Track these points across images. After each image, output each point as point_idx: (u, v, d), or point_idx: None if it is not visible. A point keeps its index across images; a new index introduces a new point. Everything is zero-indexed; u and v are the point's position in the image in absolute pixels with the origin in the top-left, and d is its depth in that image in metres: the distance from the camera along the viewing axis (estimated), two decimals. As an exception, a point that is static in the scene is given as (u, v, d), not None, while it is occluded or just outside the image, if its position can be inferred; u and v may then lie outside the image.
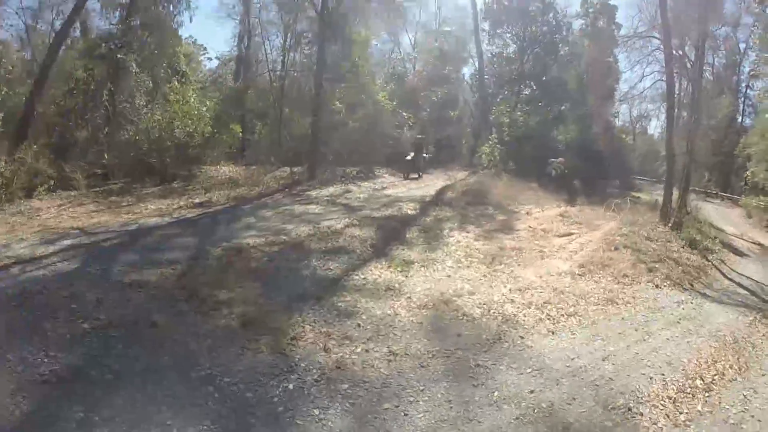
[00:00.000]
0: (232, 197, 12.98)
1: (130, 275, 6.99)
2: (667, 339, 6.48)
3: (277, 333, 5.63)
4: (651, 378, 5.41)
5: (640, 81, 23.58)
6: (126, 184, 14.32)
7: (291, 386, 4.74)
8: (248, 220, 10.46)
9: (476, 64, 24.23)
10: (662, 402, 5.03)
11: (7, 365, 4.73)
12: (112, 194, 13.33)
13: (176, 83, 16.05)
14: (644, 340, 6.37)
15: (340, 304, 6.60)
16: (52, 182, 12.94)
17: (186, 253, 8.05)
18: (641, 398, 5.03)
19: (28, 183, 12.55)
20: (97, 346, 5.15)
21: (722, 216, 17.30)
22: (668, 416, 4.83)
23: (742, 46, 22.68)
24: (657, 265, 9.30)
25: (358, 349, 5.51)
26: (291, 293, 6.81)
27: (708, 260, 10.86)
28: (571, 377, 5.26)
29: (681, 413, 4.92)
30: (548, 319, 6.72)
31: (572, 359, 5.65)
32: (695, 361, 5.93)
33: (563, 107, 22.11)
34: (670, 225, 12.47)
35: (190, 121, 15.13)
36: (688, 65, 17.36)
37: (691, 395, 5.22)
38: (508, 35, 23.27)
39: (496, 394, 4.87)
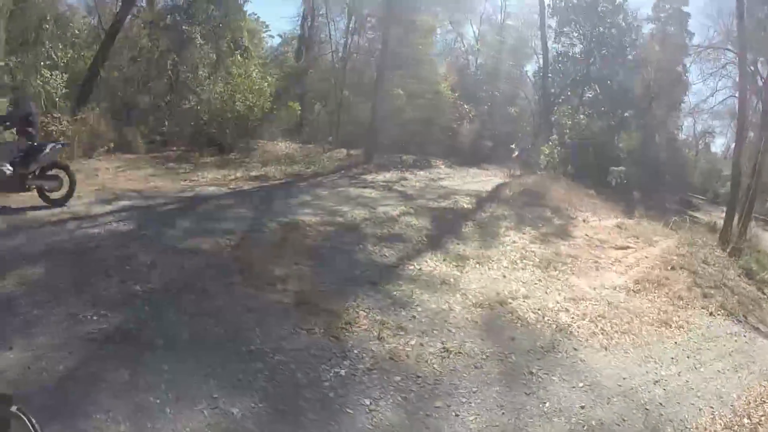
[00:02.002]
0: (288, 173, 12.99)
1: (184, 242, 7.00)
2: (718, 371, 6.13)
3: (331, 315, 5.47)
4: (700, 410, 5.13)
5: (712, 95, 22.46)
6: (184, 152, 14.49)
7: (343, 372, 4.56)
8: (304, 198, 10.40)
9: (540, 61, 23.75)
10: None
11: (54, 319, 4.70)
12: (170, 161, 13.49)
13: (239, 57, 16.13)
14: (696, 368, 6.04)
15: (395, 292, 6.39)
16: (111, 144, 13.18)
17: (241, 225, 8.02)
18: (690, 428, 4.78)
19: (88, 143, 12.82)
20: (148, 310, 5.09)
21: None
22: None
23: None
24: (713, 292, 8.79)
25: (413, 342, 5.28)
26: (346, 276, 6.66)
27: (764, 293, 10.23)
28: (623, 397, 4.99)
29: (726, 451, 4.66)
30: (602, 333, 6.40)
31: (624, 379, 5.37)
32: (744, 398, 5.58)
33: (626, 114, 21.43)
34: (728, 251, 11.89)
35: (251, 95, 15.18)
36: (760, 82, 16.54)
37: (735, 432, 4.95)
38: (575, 34, 22.70)
39: (547, 405, 4.61)
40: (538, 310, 6.73)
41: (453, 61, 22.84)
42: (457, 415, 4.30)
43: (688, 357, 6.29)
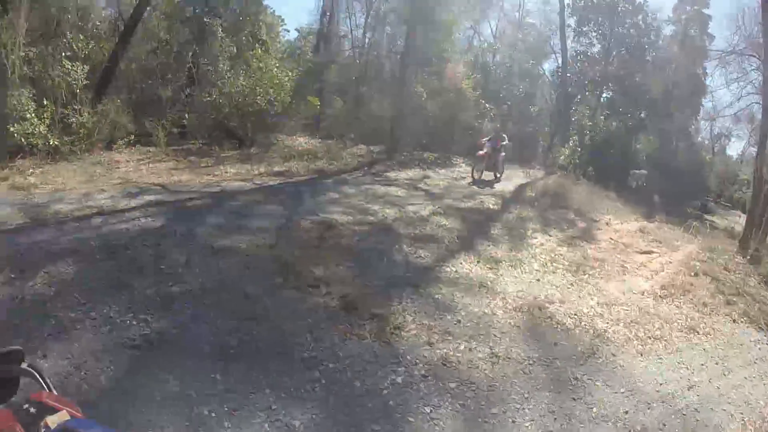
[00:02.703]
0: (312, 170, 12.88)
1: (218, 240, 6.85)
2: (745, 378, 6.08)
3: (380, 320, 5.36)
4: (731, 415, 5.12)
5: (738, 100, 22.19)
6: (204, 146, 14.41)
7: (399, 379, 4.47)
8: (331, 195, 10.31)
9: (558, 60, 23.56)
10: None
11: (91, 324, 4.54)
12: (191, 154, 13.42)
13: (259, 50, 16.03)
14: (724, 375, 6.01)
15: (437, 296, 6.30)
16: (132, 137, 13.12)
17: (274, 222, 7.91)
18: None
19: (108, 135, 12.78)
20: (189, 314, 4.95)
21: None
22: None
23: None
24: (735, 299, 8.68)
25: (461, 347, 5.21)
26: (387, 278, 6.55)
27: None
28: (661, 403, 4.97)
29: (758, 455, 4.70)
30: (636, 339, 6.36)
31: (661, 384, 5.35)
32: None
33: (644, 115, 21.28)
34: (748, 258, 11.79)
35: (272, 90, 15.05)
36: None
37: (765, 439, 5.00)
38: (594, 34, 22.51)
39: (594, 410, 4.61)
40: (575, 315, 6.67)
41: (473, 59, 22.58)
42: (513, 422, 4.27)
43: (716, 364, 6.27)
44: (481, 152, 14.72)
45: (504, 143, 15.33)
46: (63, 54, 12.30)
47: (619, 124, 20.20)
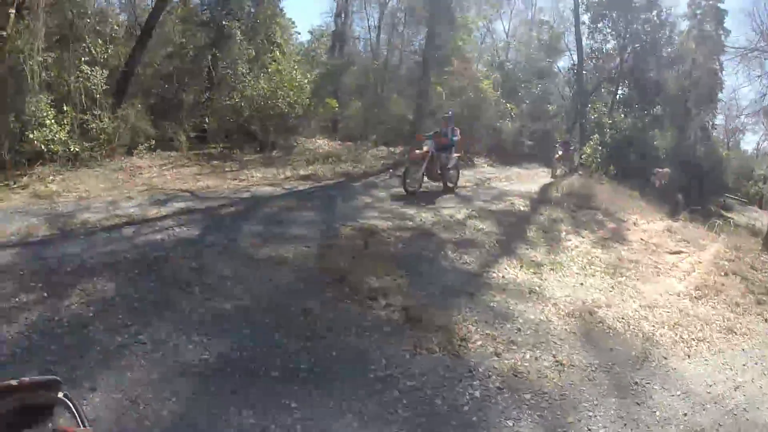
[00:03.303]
0: (338, 173, 12.69)
1: (261, 250, 6.64)
2: None
3: (445, 332, 5.24)
4: None
5: (763, 97, 21.99)
6: (225, 149, 14.23)
7: (477, 393, 4.39)
8: (364, 200, 10.12)
9: (573, 58, 23.36)
10: None
11: (141, 349, 4.22)
12: (213, 158, 13.20)
13: (278, 53, 15.94)
14: (765, 374, 6.05)
15: (492, 303, 6.21)
16: (153, 141, 13.01)
17: (313, 230, 7.74)
18: None
19: (129, 141, 12.59)
20: (248, 333, 4.68)
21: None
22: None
23: None
24: (765, 298, 8.68)
25: (527, 356, 5.18)
26: (440, 286, 6.43)
27: None
28: (713, 404, 5.08)
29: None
30: (682, 341, 6.39)
31: (710, 386, 5.42)
32: None
33: (660, 111, 21.18)
34: (772, 255, 11.76)
35: (292, 92, 14.92)
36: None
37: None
38: (608, 30, 22.40)
39: (657, 414, 4.69)
40: (622, 318, 6.67)
41: (489, 58, 22.48)
42: (589, 429, 4.30)
43: (756, 363, 6.31)
44: (417, 152, 11.48)
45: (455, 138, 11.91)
46: (82, 59, 12.14)
47: (635, 121, 20.10)
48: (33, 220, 6.91)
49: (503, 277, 7.24)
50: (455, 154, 12.06)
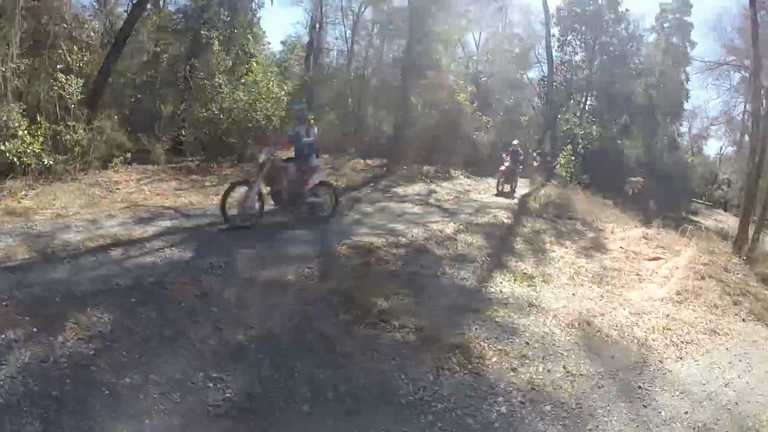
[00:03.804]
0: None
1: (261, 272, 6.35)
2: (767, 372, 6.59)
3: (461, 350, 5.28)
4: (764, 405, 5.67)
5: (730, 110, 23.00)
6: (203, 162, 13.90)
7: (503, 409, 4.51)
8: (353, 216, 9.98)
9: (544, 69, 23.80)
10: None
11: (157, 390, 3.88)
12: (191, 172, 12.83)
13: (254, 64, 15.73)
14: (749, 371, 6.49)
15: (497, 319, 6.29)
16: (128, 155, 12.66)
17: (310, 248, 7.47)
18: (763, 422, 5.30)
19: (104, 153, 12.13)
20: (268, 364, 4.46)
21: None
22: (786, 440, 5.08)
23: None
24: (740, 299, 9.14)
25: (540, 369, 5.35)
26: (445, 304, 6.45)
27: None
28: (708, 401, 5.47)
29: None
30: (673, 345, 6.75)
31: (703, 384, 5.82)
32: None
33: (628, 121, 21.81)
34: (744, 258, 12.23)
35: (269, 104, 14.69)
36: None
37: (796, 423, 5.44)
38: (578, 43, 22.97)
39: (662, 414, 5.02)
40: (616, 326, 6.94)
41: (464, 71, 22.71)
42: None
43: (740, 361, 6.74)
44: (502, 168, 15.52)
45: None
46: (57, 66, 11.64)
47: (605, 131, 20.62)
48: (9, 241, 6.35)
49: (501, 291, 7.34)
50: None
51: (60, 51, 12.04)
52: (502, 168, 15.62)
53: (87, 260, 6.01)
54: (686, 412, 5.13)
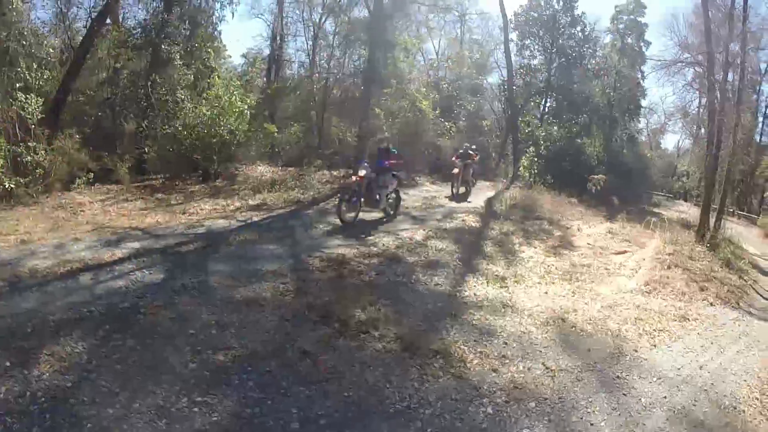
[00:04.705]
0: (288, 200, 12.42)
1: (236, 290, 6.26)
2: (737, 352, 6.96)
3: (442, 355, 5.35)
4: (738, 384, 5.99)
5: (688, 105, 23.82)
6: (167, 180, 13.78)
7: (489, 410, 4.57)
8: (322, 228, 9.89)
9: (503, 74, 24.31)
10: (754, 401, 5.63)
11: (141, 419, 3.73)
12: (156, 190, 12.70)
13: (216, 78, 15.56)
14: (721, 353, 6.81)
15: (474, 322, 6.39)
16: (91, 175, 12.43)
17: (283, 264, 7.42)
18: (738, 399, 5.60)
19: (66, 174, 11.93)
20: (253, 385, 4.36)
21: (741, 235, 17.39)
22: (761, 413, 5.44)
23: (763, 66, 23.26)
24: (707, 285, 9.59)
25: (521, 367, 5.45)
26: (422, 310, 6.50)
27: (745, 280, 11.25)
28: (685, 384, 5.70)
29: (768, 409, 5.54)
30: (645, 334, 6.99)
31: (678, 369, 6.06)
32: (765, 370, 6.44)
33: (588, 120, 22.33)
34: (707, 246, 12.65)
35: (233, 119, 14.55)
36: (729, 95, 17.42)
37: (770, 397, 5.82)
38: (536, 47, 23.48)
39: (643, 400, 5.19)
40: (590, 320, 7.14)
41: (425, 78, 22.91)
42: (592, 425, 4.66)
43: (711, 344, 7.06)
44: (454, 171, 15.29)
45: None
46: (15, 85, 11.42)
47: (565, 131, 21.05)
48: (-28, 269, 6.01)
49: (475, 294, 7.43)
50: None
51: (18, 69, 11.77)
52: (455, 171, 15.39)
53: (56, 287, 5.82)
54: (665, 397, 5.32)
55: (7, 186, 10.19)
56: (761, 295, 10.61)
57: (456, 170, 15.38)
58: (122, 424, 3.68)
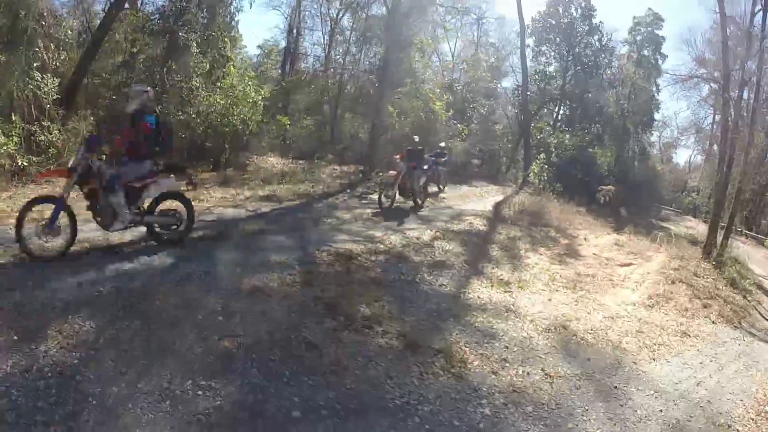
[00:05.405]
0: (298, 193, 12.53)
1: (244, 279, 6.24)
2: (736, 371, 7.01)
3: (444, 355, 5.38)
4: (735, 403, 6.05)
5: (702, 121, 23.77)
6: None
7: (487, 411, 4.60)
8: (330, 222, 10.01)
9: (518, 79, 24.29)
10: (749, 422, 5.68)
11: (145, 400, 3.74)
12: None
13: (231, 68, 15.64)
14: (719, 371, 6.85)
15: (476, 324, 6.42)
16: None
17: (292, 255, 7.42)
18: (733, 418, 5.66)
19: (78, 155, 12.13)
20: (257, 372, 4.37)
21: (748, 255, 17.34)
22: (757, 433, 5.45)
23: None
24: (710, 302, 9.61)
25: (520, 372, 5.48)
26: (426, 310, 6.52)
27: (748, 300, 11.20)
28: (681, 399, 5.74)
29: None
30: (645, 347, 7.00)
31: (676, 384, 6.09)
32: (761, 392, 6.51)
33: (600, 129, 22.29)
34: (713, 263, 12.64)
35: (246, 109, 14.66)
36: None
37: (765, 418, 5.87)
38: (552, 53, 23.49)
39: (638, 412, 5.22)
40: (591, 330, 7.14)
41: (440, 79, 22.88)
42: None
43: (710, 361, 7.10)
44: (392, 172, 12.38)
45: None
46: (33, 64, 11.44)
47: (575, 139, 21.02)
48: (-17, 246, 6.08)
49: (479, 297, 7.46)
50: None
51: (36, 49, 11.81)
52: (393, 172, 12.24)
53: (65, 266, 5.82)
54: (661, 410, 5.36)
55: (20, 164, 10.21)
56: (764, 317, 10.56)
57: (394, 172, 12.22)
58: (127, 403, 3.69)
